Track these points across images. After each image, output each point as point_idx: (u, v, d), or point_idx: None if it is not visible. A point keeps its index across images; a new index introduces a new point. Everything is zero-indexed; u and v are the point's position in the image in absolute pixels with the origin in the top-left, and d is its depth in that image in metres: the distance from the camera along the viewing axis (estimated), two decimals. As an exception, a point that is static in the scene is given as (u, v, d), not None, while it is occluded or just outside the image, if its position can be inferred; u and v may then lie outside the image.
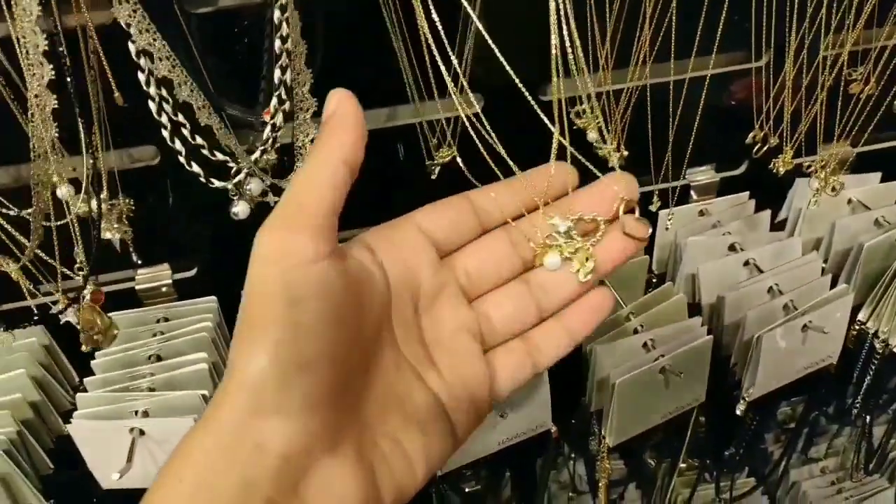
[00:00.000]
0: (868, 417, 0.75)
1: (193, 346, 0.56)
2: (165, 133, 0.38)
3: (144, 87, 0.37)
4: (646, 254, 0.67)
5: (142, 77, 0.36)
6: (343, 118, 0.29)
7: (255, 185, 0.44)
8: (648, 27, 0.53)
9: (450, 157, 0.57)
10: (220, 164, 0.43)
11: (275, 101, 0.41)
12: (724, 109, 0.71)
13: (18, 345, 0.56)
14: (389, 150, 0.65)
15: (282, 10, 0.38)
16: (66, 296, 0.44)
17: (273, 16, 0.39)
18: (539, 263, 0.31)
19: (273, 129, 0.42)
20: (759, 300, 0.62)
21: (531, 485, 0.70)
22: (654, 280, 0.72)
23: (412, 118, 0.60)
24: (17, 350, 0.55)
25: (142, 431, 0.49)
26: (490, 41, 0.31)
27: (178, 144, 0.39)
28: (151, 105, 0.37)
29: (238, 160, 0.40)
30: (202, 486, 0.26)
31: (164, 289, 0.63)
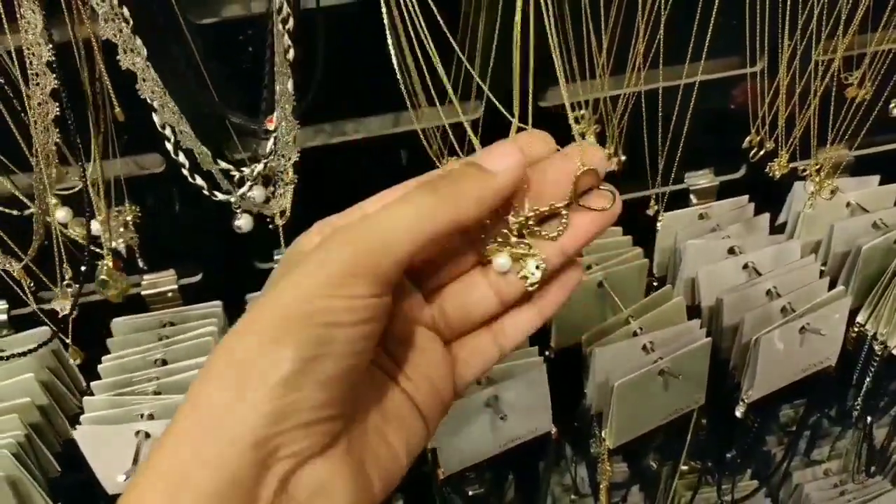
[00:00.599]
0: (869, 419, 0.75)
1: (198, 351, 0.57)
2: (169, 146, 0.39)
3: (148, 101, 0.37)
4: (646, 258, 0.67)
5: (140, 92, 0.37)
6: (487, 181, 0.27)
7: (258, 193, 0.45)
8: (644, 34, 0.54)
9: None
10: (226, 172, 0.44)
11: (278, 111, 0.42)
12: (724, 114, 0.71)
13: (26, 349, 0.57)
14: (392, 157, 0.66)
15: (283, 22, 0.39)
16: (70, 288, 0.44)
17: (273, 28, 0.40)
18: (487, 260, 0.30)
19: (276, 140, 0.42)
20: (758, 303, 0.62)
21: (533, 487, 0.71)
22: (655, 283, 0.72)
23: (413, 125, 0.61)
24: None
25: (147, 434, 0.50)
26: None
27: (182, 157, 0.40)
28: (155, 118, 0.38)
29: (220, 181, 0.41)
30: (184, 483, 0.25)
31: (170, 294, 0.64)
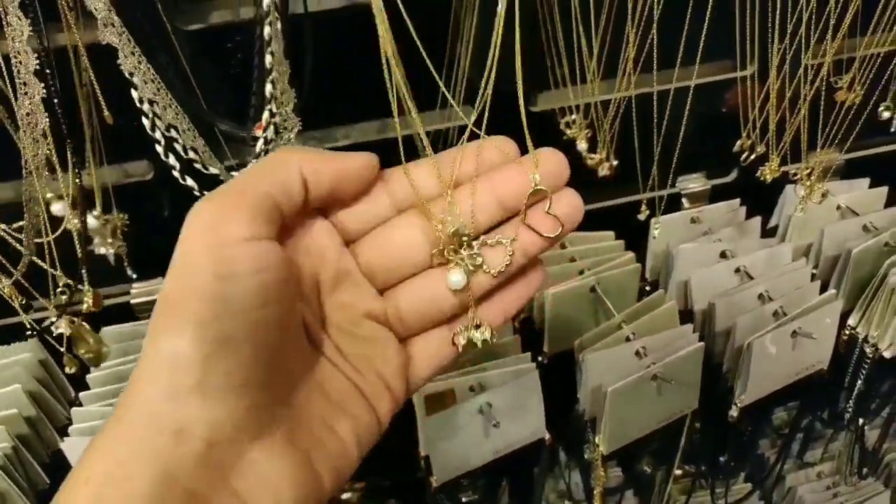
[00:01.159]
0: (861, 421, 0.75)
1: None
2: (160, 148, 0.39)
3: (138, 105, 0.37)
4: (638, 261, 0.67)
5: (135, 94, 0.37)
6: (339, 154, 0.28)
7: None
8: (635, 38, 0.54)
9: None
10: (215, 178, 0.43)
11: (266, 115, 0.41)
12: (715, 118, 0.72)
13: (14, 360, 0.56)
14: (382, 163, 0.66)
15: (271, 26, 0.38)
16: (58, 309, 0.44)
17: (263, 32, 0.39)
18: (440, 264, 0.30)
19: (265, 143, 0.42)
20: (750, 307, 0.62)
21: (527, 493, 0.70)
22: (648, 288, 0.72)
23: (402, 131, 0.60)
24: (13, 365, 0.56)
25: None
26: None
27: (172, 159, 0.40)
28: (145, 121, 0.38)
29: (224, 179, 0.41)
30: (112, 484, 0.23)
31: (160, 302, 0.63)
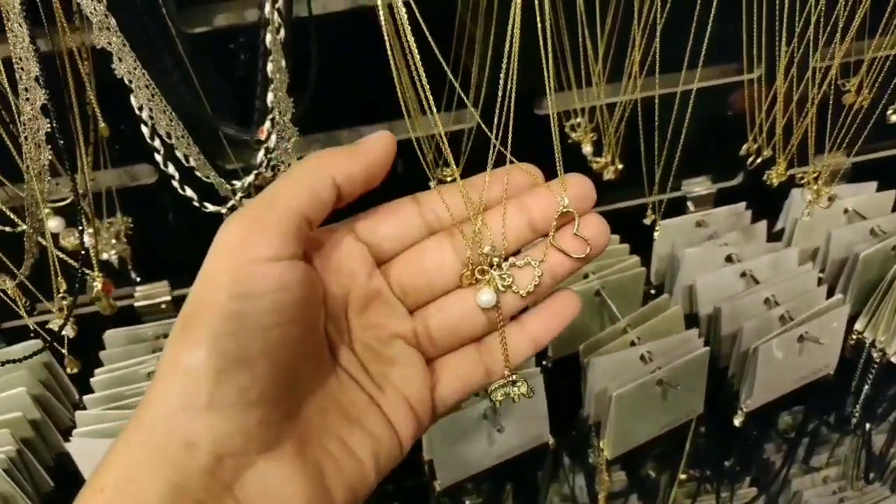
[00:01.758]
0: (868, 426, 0.75)
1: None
2: (158, 157, 0.39)
3: (137, 112, 0.37)
4: (643, 266, 0.67)
5: (134, 102, 0.37)
6: (361, 147, 0.29)
7: (251, 204, 0.44)
8: (640, 41, 0.54)
9: (452, 178, 0.58)
10: (218, 183, 0.43)
11: (268, 124, 0.41)
12: (721, 121, 0.71)
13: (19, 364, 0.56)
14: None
15: (273, 34, 0.38)
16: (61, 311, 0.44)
17: (265, 38, 0.39)
18: (469, 284, 0.30)
19: (266, 152, 0.42)
20: (756, 311, 0.62)
21: (532, 497, 0.70)
22: (653, 292, 0.72)
23: (407, 134, 0.60)
24: (18, 368, 0.56)
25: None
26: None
27: (172, 168, 0.39)
28: (144, 129, 0.38)
29: (219, 190, 0.41)
30: (124, 493, 0.24)
31: (164, 305, 0.63)
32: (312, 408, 0.28)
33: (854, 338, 0.66)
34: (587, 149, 0.63)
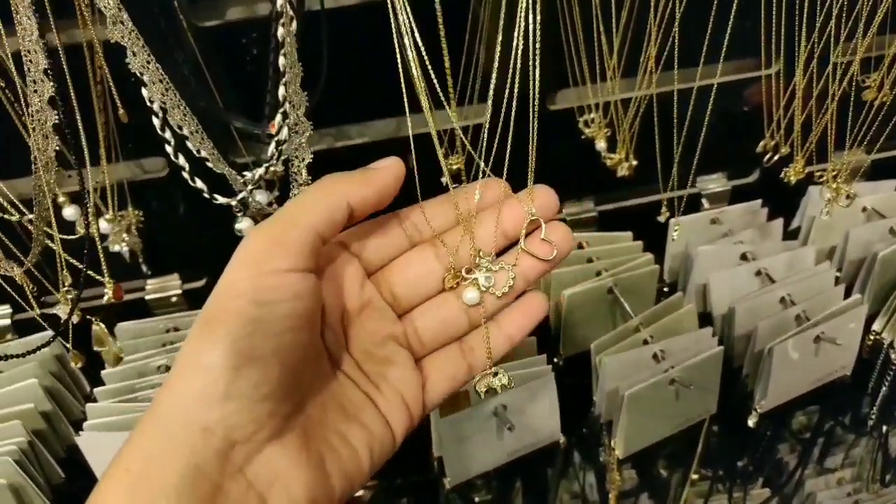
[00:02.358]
0: (885, 428, 0.74)
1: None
2: (169, 149, 0.38)
3: (148, 104, 0.37)
4: (657, 263, 0.66)
5: (146, 94, 0.37)
6: (374, 173, 0.32)
7: (262, 197, 0.44)
8: (656, 36, 0.53)
9: (457, 167, 0.57)
10: (240, 171, 0.43)
11: (279, 118, 0.41)
12: (738, 117, 0.70)
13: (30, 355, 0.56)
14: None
15: (285, 27, 0.38)
16: (72, 302, 0.44)
17: (276, 32, 0.39)
18: (451, 287, 0.34)
19: (277, 145, 0.42)
20: (771, 311, 0.61)
21: (542, 495, 0.70)
22: (666, 290, 0.71)
23: (419, 129, 0.60)
24: (30, 360, 0.56)
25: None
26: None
27: (182, 160, 0.39)
28: (155, 121, 0.37)
29: (232, 183, 0.40)
30: (149, 473, 0.26)
31: (174, 299, 0.63)
32: (315, 404, 0.31)
33: (872, 339, 0.65)
34: (601, 145, 0.62)
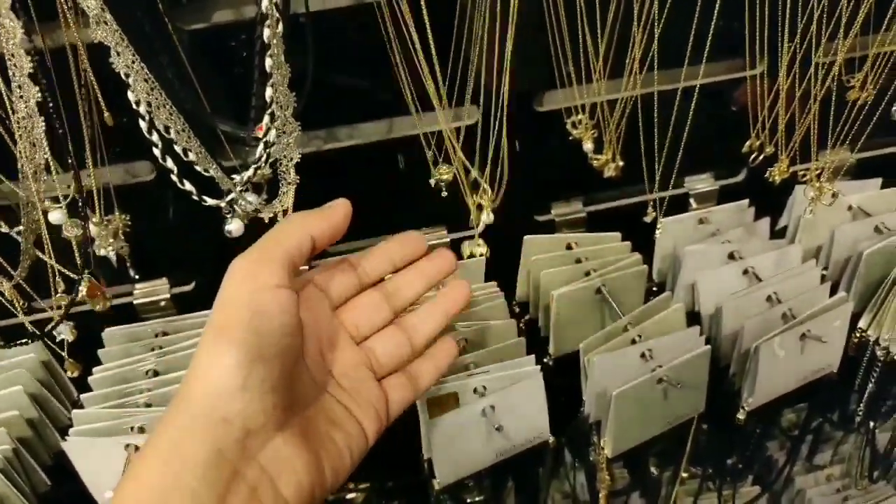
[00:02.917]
0: (872, 424, 0.74)
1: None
2: (156, 151, 0.38)
3: (134, 107, 0.37)
4: (645, 263, 0.66)
5: (131, 96, 0.36)
6: (330, 211, 0.39)
7: (252, 199, 0.44)
8: (641, 37, 0.53)
9: (449, 175, 0.57)
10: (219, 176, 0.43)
11: (266, 119, 0.41)
12: (725, 117, 0.71)
13: (17, 361, 0.56)
14: (390, 161, 0.65)
15: (271, 29, 0.38)
16: (60, 309, 0.44)
17: (262, 34, 0.39)
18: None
19: (265, 147, 0.42)
20: (758, 309, 0.61)
21: (533, 495, 0.70)
22: (655, 289, 0.71)
23: (408, 131, 0.60)
24: (16, 366, 0.55)
25: (137, 448, 0.49)
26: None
27: (170, 162, 0.39)
28: (142, 124, 0.37)
29: (220, 184, 0.40)
30: (176, 453, 0.32)
31: (163, 303, 0.63)
32: (307, 411, 0.38)
33: (858, 336, 0.65)
34: (588, 146, 0.62)
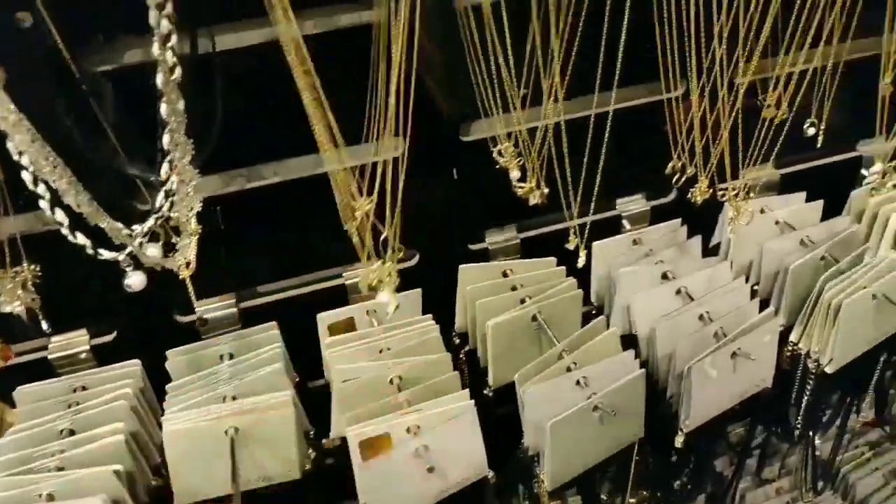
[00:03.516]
0: (812, 436, 0.75)
1: (111, 416, 0.53)
2: (43, 203, 0.36)
3: (15, 158, 0.35)
4: (581, 287, 0.66)
5: (12, 148, 0.35)
6: None
7: (154, 251, 0.42)
8: (558, 62, 0.53)
9: (370, 206, 0.56)
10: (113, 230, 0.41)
11: (166, 167, 0.39)
12: (652, 139, 0.71)
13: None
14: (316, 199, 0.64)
15: (165, 75, 0.37)
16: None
17: (157, 80, 0.37)
18: None
19: (166, 196, 0.40)
20: (692, 329, 0.61)
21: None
22: (594, 312, 0.71)
23: (331, 166, 0.59)
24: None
25: (48, 516, 0.46)
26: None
27: (61, 214, 0.37)
28: (25, 175, 0.35)
29: (114, 237, 0.39)
30: None
31: (83, 355, 0.60)
32: None
33: (790, 349, 0.66)
34: (514, 174, 0.62)
